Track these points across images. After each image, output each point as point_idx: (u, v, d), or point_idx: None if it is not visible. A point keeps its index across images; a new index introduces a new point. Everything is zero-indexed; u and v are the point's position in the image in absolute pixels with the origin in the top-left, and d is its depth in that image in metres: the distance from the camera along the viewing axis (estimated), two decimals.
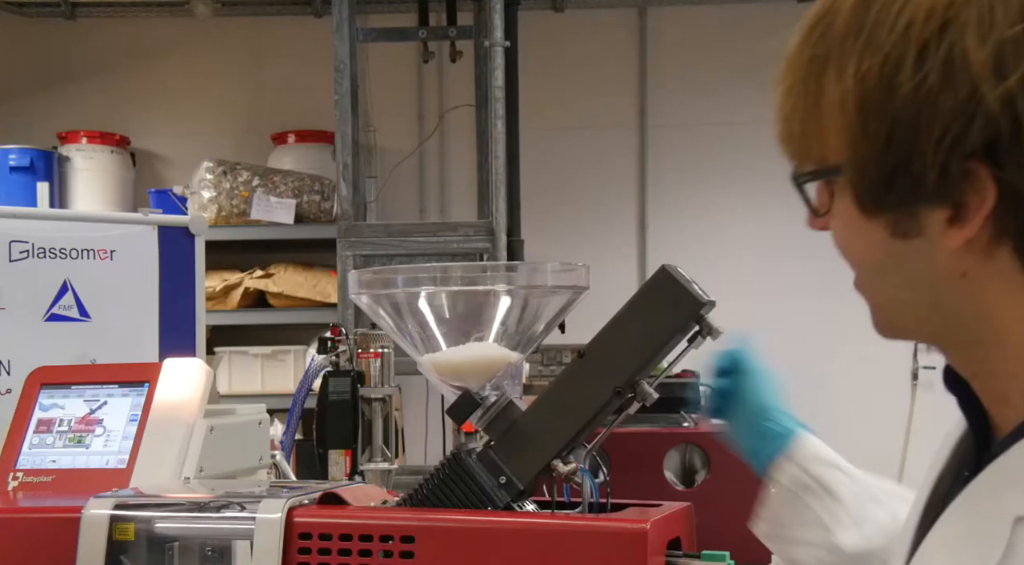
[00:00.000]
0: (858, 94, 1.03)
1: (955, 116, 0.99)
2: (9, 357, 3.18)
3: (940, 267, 1.05)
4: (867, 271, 1.12)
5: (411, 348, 1.74)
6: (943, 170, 1.00)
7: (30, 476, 2.06)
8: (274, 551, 1.59)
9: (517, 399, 1.69)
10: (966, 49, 0.99)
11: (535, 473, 1.62)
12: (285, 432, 3.20)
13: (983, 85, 0.98)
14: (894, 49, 1.02)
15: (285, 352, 5.74)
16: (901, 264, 1.08)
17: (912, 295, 1.09)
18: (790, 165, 1.13)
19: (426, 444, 5.62)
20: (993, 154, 0.99)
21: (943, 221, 1.03)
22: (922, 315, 1.10)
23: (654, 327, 1.59)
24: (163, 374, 2.12)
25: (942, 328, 1.10)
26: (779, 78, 1.12)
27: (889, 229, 1.06)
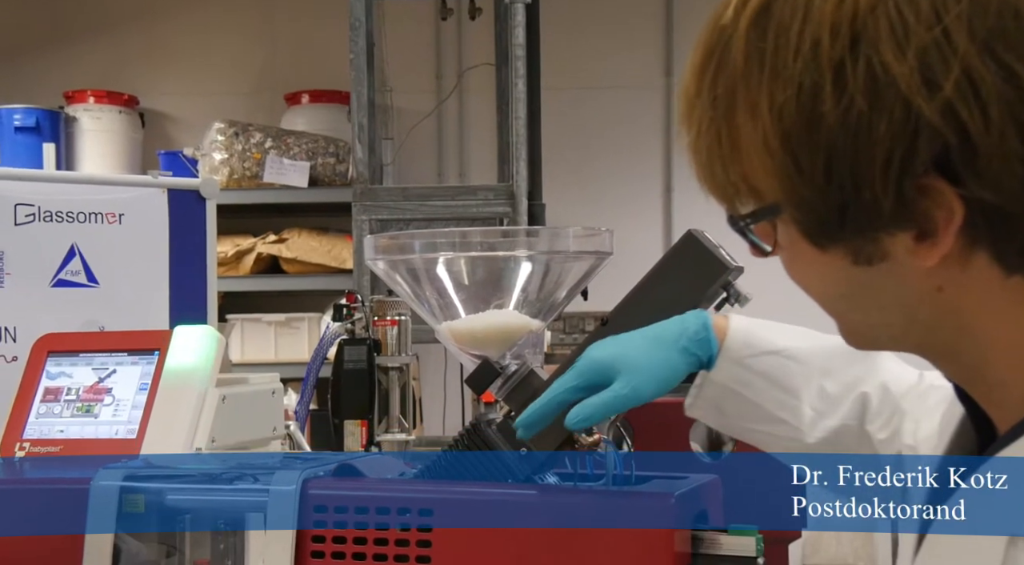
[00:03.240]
0: (779, 131, 0.98)
1: (895, 137, 0.94)
2: (15, 324, 3.19)
3: (912, 286, 1.02)
4: (828, 300, 1.08)
5: (429, 315, 1.74)
6: (898, 195, 0.95)
7: (37, 446, 2.07)
8: (288, 524, 1.59)
9: (538, 368, 1.69)
10: (886, 63, 0.93)
11: (557, 444, 1.62)
12: (299, 402, 3.21)
13: (916, 99, 0.93)
14: (806, 76, 0.96)
15: (299, 320, 5.75)
16: (868, 290, 1.04)
17: (885, 316, 1.05)
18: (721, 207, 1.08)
19: (444, 414, 5.62)
20: (946, 167, 0.94)
21: (909, 242, 0.98)
22: (898, 333, 1.07)
23: (680, 293, 1.59)
24: (173, 342, 2.12)
25: (923, 341, 1.07)
26: (685, 121, 1.06)
27: (849, 258, 1.02)
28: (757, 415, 1.49)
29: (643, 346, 1.48)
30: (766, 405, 1.48)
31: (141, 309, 3.36)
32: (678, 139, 1.10)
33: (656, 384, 1.46)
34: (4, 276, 3.20)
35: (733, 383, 1.49)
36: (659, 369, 1.46)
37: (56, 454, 2.05)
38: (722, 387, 1.50)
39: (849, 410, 1.46)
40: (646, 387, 1.46)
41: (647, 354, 1.47)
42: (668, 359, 1.47)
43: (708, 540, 1.55)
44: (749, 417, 1.50)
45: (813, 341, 1.52)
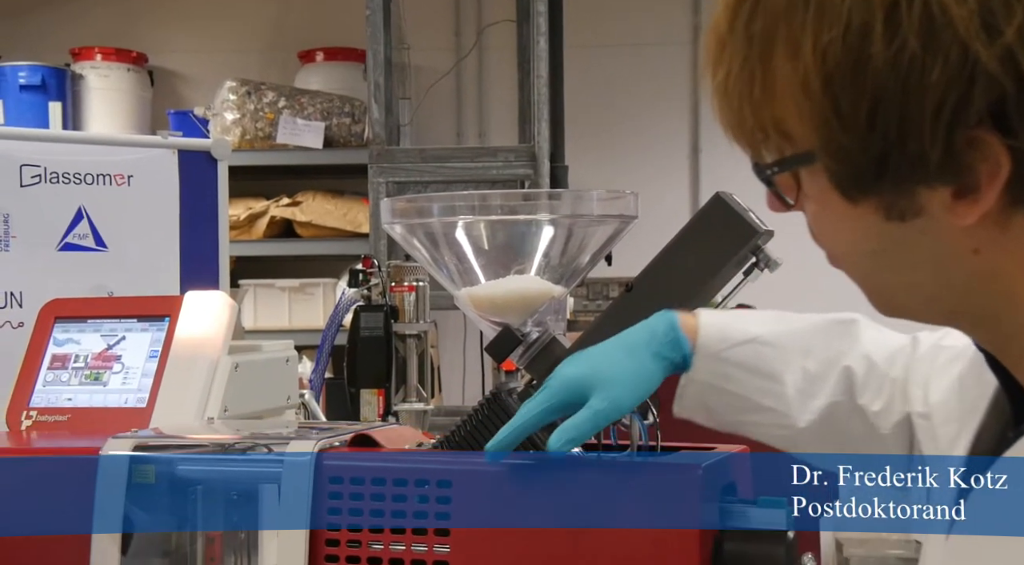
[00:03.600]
0: (821, 73, 0.96)
1: (949, 83, 0.92)
2: (21, 289, 3.20)
3: (947, 245, 1.00)
4: (856, 258, 1.07)
5: (448, 281, 1.74)
6: (946, 146, 0.93)
7: (44, 415, 2.08)
8: (303, 495, 1.60)
9: (560, 336, 1.69)
10: (944, 4, 0.91)
11: None
12: (314, 370, 3.22)
13: (974, 43, 0.91)
14: (856, 14, 0.94)
15: (314, 285, 5.76)
16: (900, 247, 1.02)
17: (916, 277, 1.04)
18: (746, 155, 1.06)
19: (464, 383, 5.64)
20: (999, 118, 0.92)
21: (947, 197, 0.97)
22: (930, 296, 1.05)
23: (707, 258, 1.59)
24: (185, 308, 2.13)
25: (956, 306, 1.05)
26: (713, 61, 1.04)
27: (881, 212, 1.00)
28: (743, 407, 1.48)
29: (614, 357, 1.46)
30: (750, 395, 1.47)
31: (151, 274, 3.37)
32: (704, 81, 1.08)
33: (633, 393, 1.45)
34: (10, 239, 3.21)
35: (713, 378, 1.48)
36: (634, 378, 1.45)
37: (64, 423, 2.06)
38: (703, 384, 1.49)
39: (835, 387, 1.45)
40: (624, 398, 1.44)
41: (619, 364, 1.45)
42: (641, 366, 1.46)
43: (737, 512, 1.55)
44: (736, 410, 1.49)
45: (789, 323, 1.51)
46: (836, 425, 1.45)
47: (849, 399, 1.44)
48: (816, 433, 1.45)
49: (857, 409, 1.44)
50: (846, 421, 1.45)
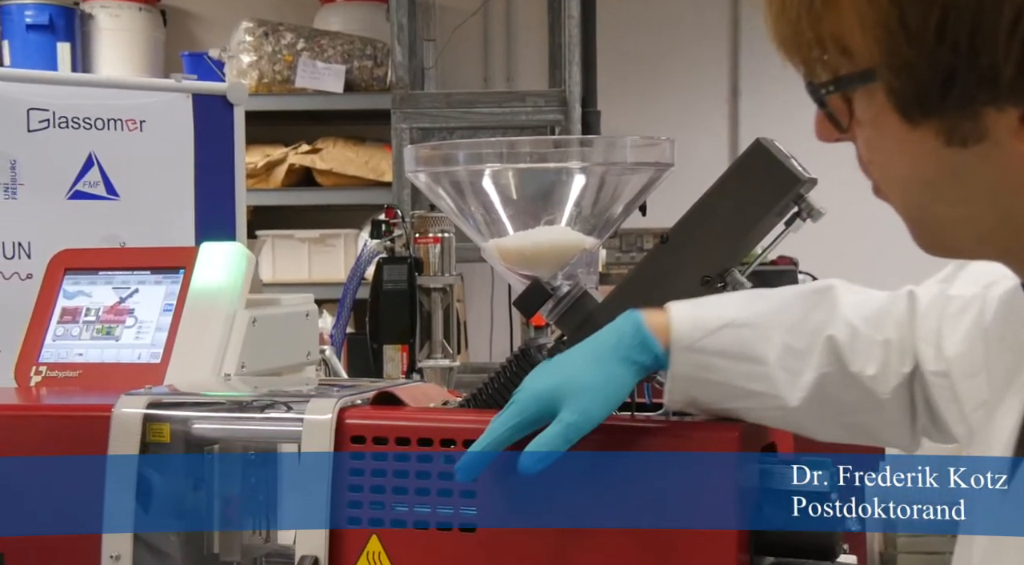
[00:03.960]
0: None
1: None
2: (29, 239, 3.22)
3: (1011, 175, 0.99)
4: (910, 188, 1.06)
5: (474, 232, 1.74)
6: (1021, 62, 0.92)
7: (54, 370, 2.09)
8: (324, 456, 1.61)
9: (592, 289, 1.69)
10: None
11: None
12: (335, 325, 3.23)
13: None
14: None
15: (335, 236, 5.77)
16: (958, 176, 1.01)
17: (972, 210, 1.03)
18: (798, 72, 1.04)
19: (491, 339, 5.65)
20: None
21: (1015, 121, 0.95)
22: (985, 231, 1.04)
23: (747, 208, 1.58)
24: (200, 259, 2.13)
25: (1010, 244, 1.04)
26: None
27: (942, 137, 0.99)
28: (730, 394, 1.48)
29: (581, 366, 1.46)
30: (735, 382, 1.47)
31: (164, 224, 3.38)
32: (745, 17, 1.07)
33: (605, 402, 1.45)
34: (17, 187, 3.22)
35: (694, 371, 1.47)
36: (603, 386, 1.45)
37: (74, 379, 2.07)
38: (685, 379, 1.48)
39: (821, 358, 1.44)
40: (596, 409, 1.44)
41: (588, 373, 1.46)
42: (611, 373, 1.46)
43: (777, 474, 1.55)
44: (724, 398, 1.49)
45: (764, 301, 1.50)
46: (829, 397, 1.44)
47: (839, 368, 1.43)
48: (810, 409, 1.45)
49: (850, 377, 1.43)
50: (839, 392, 1.44)
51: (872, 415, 1.45)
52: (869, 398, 1.43)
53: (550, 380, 1.47)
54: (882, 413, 1.44)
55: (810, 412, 1.46)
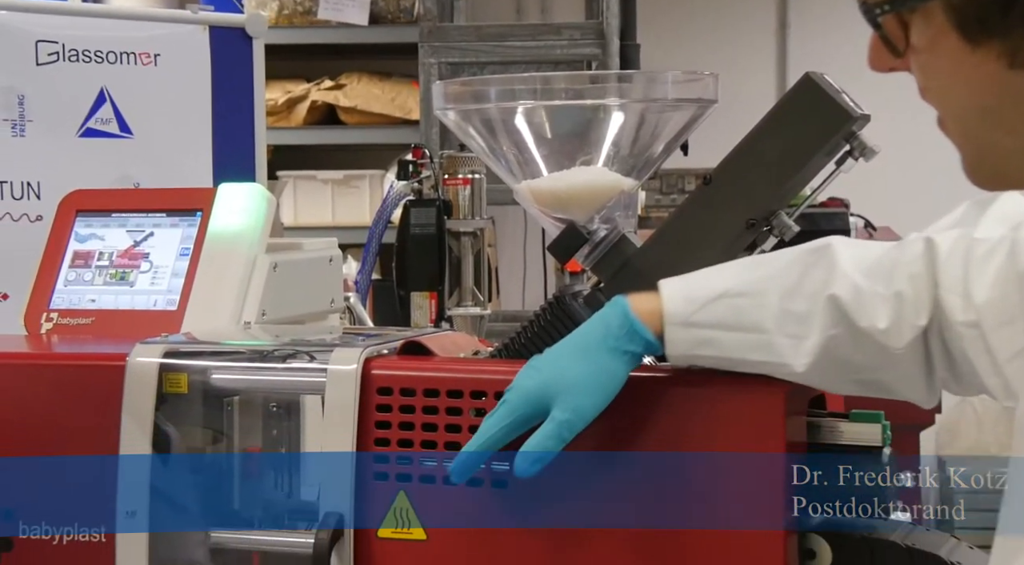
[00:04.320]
0: None
1: None
2: (39, 178, 3.22)
3: None
4: (968, 115, 1.06)
5: (506, 173, 1.74)
6: None
7: (66, 317, 2.10)
8: (348, 408, 1.61)
9: (631, 233, 1.69)
10: None
11: None
12: (360, 271, 3.23)
13: None
14: None
15: (359, 177, 5.77)
16: (1018, 102, 1.01)
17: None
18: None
19: (524, 286, 5.65)
20: None
21: None
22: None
23: (795, 146, 1.57)
24: (218, 201, 2.14)
25: None
26: None
27: (1004, 59, 0.99)
28: (733, 367, 1.49)
29: (570, 360, 1.48)
30: (737, 354, 1.47)
31: (181, 164, 3.39)
32: None
33: (597, 397, 1.47)
34: (25, 124, 3.23)
35: (692, 347, 1.48)
36: (594, 381, 1.47)
37: (87, 327, 2.08)
38: (683, 357, 1.49)
39: (825, 320, 1.43)
40: (588, 405, 1.46)
41: (577, 368, 1.47)
42: (601, 366, 1.47)
43: (827, 428, 1.55)
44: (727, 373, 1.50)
45: (758, 267, 1.50)
46: (839, 358, 1.44)
47: (847, 328, 1.43)
48: (820, 371, 1.45)
49: (860, 334, 1.42)
50: (850, 352, 1.44)
51: (886, 371, 1.45)
52: (882, 354, 1.42)
53: (540, 377, 1.48)
54: (897, 368, 1.44)
55: (820, 374, 1.46)
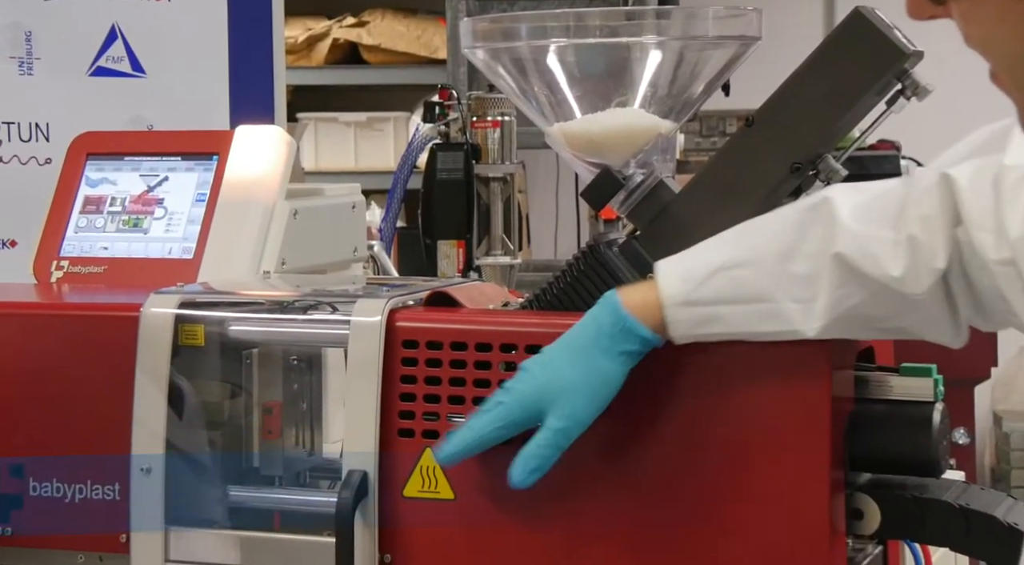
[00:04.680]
0: None
1: None
2: (47, 119, 3.23)
3: None
4: (1017, 63, 1.05)
5: (538, 115, 1.73)
6: None
7: (77, 265, 2.11)
8: (372, 361, 1.62)
9: (668, 178, 1.68)
10: None
11: None
12: (384, 218, 3.23)
13: None
14: None
15: (383, 120, 5.77)
16: None
17: None
18: None
19: (556, 234, 5.65)
20: None
21: None
22: None
23: (843, 85, 1.57)
24: (235, 144, 2.14)
25: None
26: None
27: None
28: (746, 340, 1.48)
29: (564, 364, 1.49)
30: (744, 328, 1.47)
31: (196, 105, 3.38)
32: None
33: (592, 403, 1.48)
34: (33, 62, 3.22)
35: (696, 328, 1.47)
36: (589, 385, 1.48)
37: (99, 275, 2.09)
38: (689, 338, 1.48)
39: (833, 279, 1.43)
40: (584, 411, 1.48)
41: (572, 372, 1.48)
42: (596, 368, 1.48)
43: (875, 382, 1.55)
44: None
45: (755, 234, 1.49)
46: (855, 315, 1.44)
47: (858, 284, 1.42)
48: (837, 329, 1.45)
49: (875, 286, 1.42)
50: (866, 307, 1.44)
51: (908, 318, 1.45)
52: (902, 303, 1.42)
53: (534, 382, 1.49)
54: (919, 313, 1.44)
55: (837, 332, 1.46)
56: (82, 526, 1.75)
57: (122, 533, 1.71)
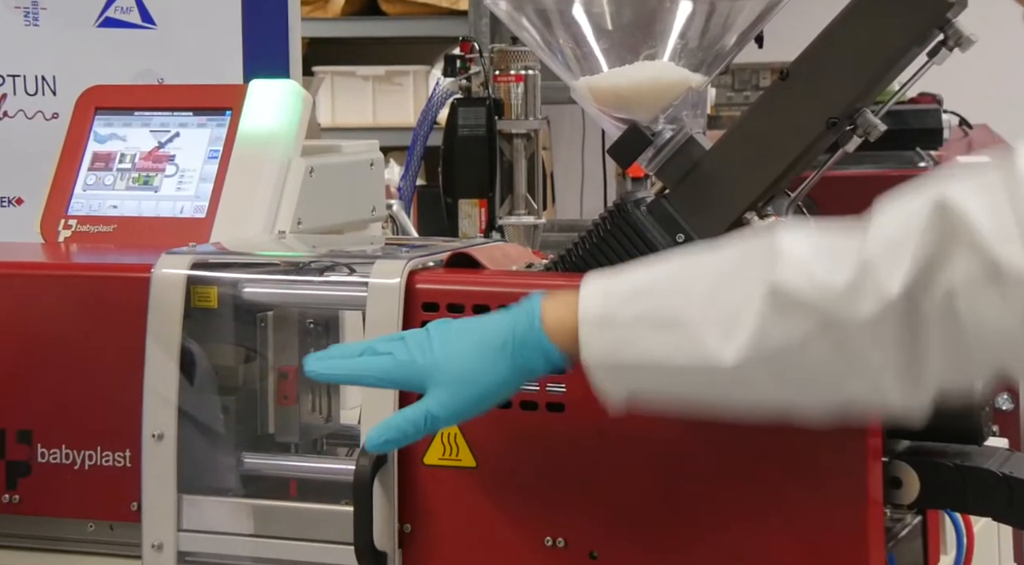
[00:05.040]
0: None
1: None
2: (54, 72, 3.22)
3: None
4: None
5: (563, 69, 1.73)
6: None
7: (86, 224, 2.11)
8: (391, 324, 1.62)
9: (699, 134, 1.68)
10: None
11: (723, 229, 1.62)
12: (403, 176, 3.23)
13: None
14: None
15: (402, 74, 5.76)
16: None
17: None
18: None
19: (582, 193, 5.64)
20: None
21: None
22: None
23: (883, 35, 1.56)
24: (249, 99, 2.14)
25: None
26: None
27: None
28: (660, 374, 1.39)
29: (467, 353, 1.46)
30: (661, 355, 1.37)
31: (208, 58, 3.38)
32: None
33: (478, 403, 1.47)
34: (39, 12, 3.22)
35: (613, 355, 1.40)
36: (479, 384, 1.46)
37: (108, 235, 2.09)
38: (603, 367, 1.42)
39: (763, 311, 1.32)
40: (464, 409, 1.47)
41: (469, 363, 1.46)
42: (492, 370, 1.46)
43: None
44: (660, 382, 1.41)
45: (688, 260, 1.41)
46: (781, 361, 1.33)
47: (793, 320, 1.31)
48: (757, 373, 1.35)
49: (811, 323, 1.30)
50: (796, 353, 1.32)
51: (847, 368, 1.33)
52: (841, 344, 1.31)
53: (430, 357, 1.47)
54: (862, 363, 1.32)
55: (764, 373, 1.35)
56: (92, 494, 1.76)
57: (133, 501, 1.72)
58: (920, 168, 3.31)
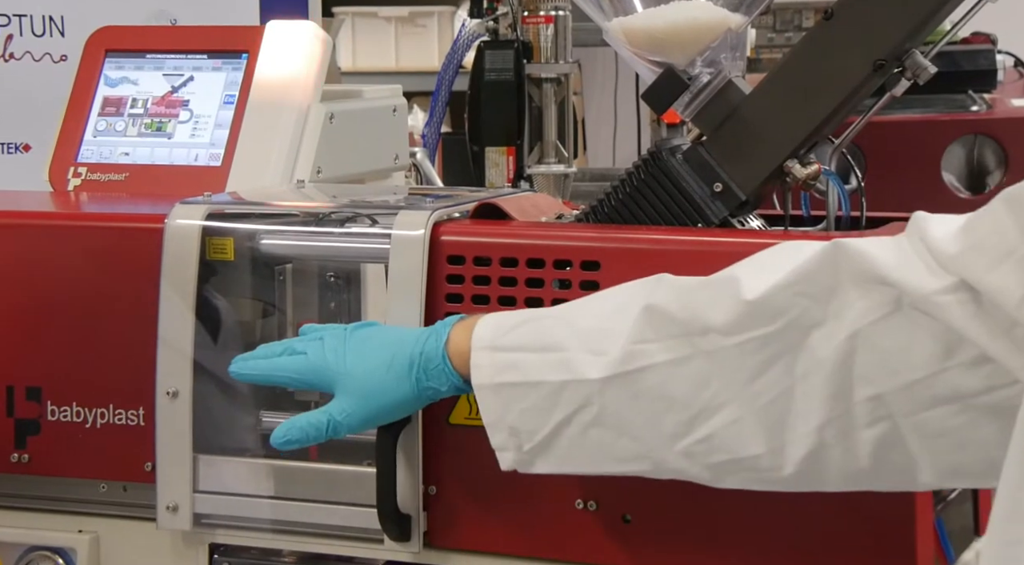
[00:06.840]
0: None
1: None
2: (62, 12, 3.23)
3: None
4: None
5: (595, 9, 1.73)
6: None
7: (96, 172, 2.12)
8: (415, 278, 1.62)
9: (738, 78, 1.68)
10: None
11: (763, 178, 1.62)
12: (427, 123, 3.23)
13: None
14: None
15: (426, 15, 5.75)
16: None
17: None
18: None
19: (615, 140, 5.64)
20: None
21: None
22: None
23: None
24: (266, 41, 2.14)
25: None
26: None
27: None
28: (537, 395, 1.45)
29: (378, 366, 1.54)
30: (538, 375, 1.44)
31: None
32: None
33: (376, 414, 1.56)
34: None
35: (498, 375, 1.47)
36: (383, 398, 1.54)
37: (120, 183, 2.10)
38: (488, 387, 1.48)
39: (634, 330, 1.38)
40: (366, 419, 1.55)
41: (376, 377, 1.54)
42: (398, 388, 1.54)
43: None
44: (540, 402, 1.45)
45: (587, 298, 1.49)
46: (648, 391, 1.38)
47: (665, 341, 1.37)
48: (619, 398, 1.40)
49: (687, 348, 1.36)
50: (662, 375, 1.37)
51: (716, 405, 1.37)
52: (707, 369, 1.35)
53: (344, 364, 1.55)
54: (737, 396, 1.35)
55: (635, 411, 1.40)
56: (104, 453, 1.77)
57: (147, 461, 1.73)
58: (972, 112, 3.29)
